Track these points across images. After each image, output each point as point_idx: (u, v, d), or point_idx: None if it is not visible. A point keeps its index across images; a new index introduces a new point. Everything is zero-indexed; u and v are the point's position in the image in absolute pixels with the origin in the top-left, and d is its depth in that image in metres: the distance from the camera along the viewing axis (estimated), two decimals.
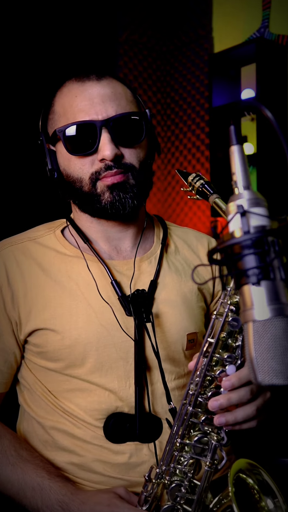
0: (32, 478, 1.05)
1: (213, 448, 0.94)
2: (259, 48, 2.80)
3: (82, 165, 1.09)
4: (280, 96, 2.89)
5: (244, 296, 0.65)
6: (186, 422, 0.96)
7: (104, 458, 1.09)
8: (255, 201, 0.66)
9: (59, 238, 1.18)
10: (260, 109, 0.66)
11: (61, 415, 1.12)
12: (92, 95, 1.07)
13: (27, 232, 1.22)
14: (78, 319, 1.09)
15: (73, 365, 1.09)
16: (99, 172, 1.07)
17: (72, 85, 1.11)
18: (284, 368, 0.62)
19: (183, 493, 0.96)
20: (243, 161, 0.70)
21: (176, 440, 0.96)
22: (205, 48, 3.35)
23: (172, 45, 3.57)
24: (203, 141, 3.38)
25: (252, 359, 0.63)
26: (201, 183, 1.05)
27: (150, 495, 0.98)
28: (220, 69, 3.09)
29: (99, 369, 1.09)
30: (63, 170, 1.13)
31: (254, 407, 0.94)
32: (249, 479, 0.97)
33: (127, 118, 1.08)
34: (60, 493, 1.02)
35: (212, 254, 0.67)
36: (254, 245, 0.63)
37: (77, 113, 1.07)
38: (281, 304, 0.63)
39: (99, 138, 1.06)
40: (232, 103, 3.06)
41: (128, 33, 3.37)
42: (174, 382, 1.14)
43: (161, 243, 1.21)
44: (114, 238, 1.17)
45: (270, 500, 0.95)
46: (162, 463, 0.98)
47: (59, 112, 1.12)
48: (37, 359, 1.13)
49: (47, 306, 1.10)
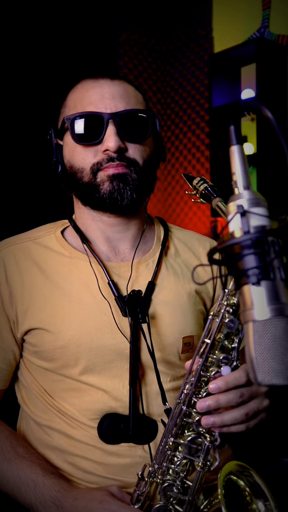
0: (27, 474, 1.05)
1: (206, 449, 0.93)
2: (259, 48, 2.80)
3: (85, 155, 1.11)
4: (280, 96, 2.89)
5: (244, 296, 0.65)
6: (180, 422, 0.95)
7: (98, 459, 1.09)
8: (255, 201, 0.66)
9: (58, 238, 1.19)
10: (260, 109, 0.66)
11: (56, 415, 1.12)
12: (104, 91, 1.11)
13: (29, 232, 1.23)
14: (72, 320, 1.09)
15: (67, 365, 1.09)
16: (101, 162, 1.09)
17: (85, 82, 1.15)
18: (284, 368, 0.62)
19: (175, 493, 0.96)
20: (243, 161, 0.70)
21: (169, 439, 0.96)
22: (205, 48, 3.35)
23: (172, 45, 3.57)
24: (203, 141, 3.38)
25: (252, 359, 0.63)
26: (205, 186, 1.06)
27: (142, 494, 0.98)
28: (220, 69, 3.09)
29: (92, 369, 1.09)
30: (67, 162, 1.15)
31: (244, 411, 0.92)
32: (240, 481, 0.96)
33: (134, 115, 1.11)
34: (53, 489, 1.02)
35: (212, 254, 0.67)
36: (254, 245, 0.63)
37: (87, 106, 1.10)
38: (281, 304, 0.63)
39: (105, 130, 1.08)
40: (232, 103, 3.06)
41: (128, 33, 3.37)
42: (169, 384, 1.14)
43: (161, 245, 1.21)
44: (113, 238, 1.18)
45: (262, 503, 0.94)
46: (155, 461, 0.98)
47: (69, 105, 1.15)
48: (34, 358, 1.14)
49: (43, 306, 1.11)
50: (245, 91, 3.08)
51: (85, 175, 1.11)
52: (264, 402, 0.96)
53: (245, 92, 3.08)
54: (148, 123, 1.13)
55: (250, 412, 0.93)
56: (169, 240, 1.25)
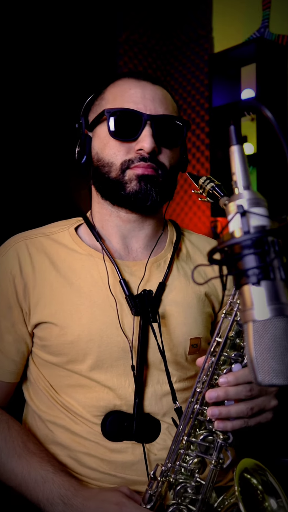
0: (36, 470, 1.06)
1: (219, 447, 0.94)
2: (259, 48, 2.80)
3: (117, 151, 1.11)
4: (280, 96, 2.89)
5: (244, 296, 0.65)
6: (193, 421, 0.96)
7: (100, 455, 1.10)
8: (255, 201, 0.66)
9: (72, 235, 1.20)
10: (260, 109, 0.66)
11: (60, 410, 1.13)
12: (145, 92, 1.13)
13: (43, 227, 1.24)
14: (82, 316, 1.10)
15: (75, 361, 1.10)
16: (133, 160, 1.10)
17: (127, 80, 1.16)
18: (284, 368, 0.62)
19: (188, 492, 0.96)
20: (243, 161, 0.70)
21: (182, 438, 0.97)
22: (205, 48, 3.35)
23: (172, 45, 3.57)
24: (203, 141, 3.38)
25: (252, 359, 0.63)
26: (211, 186, 1.05)
27: (154, 494, 0.99)
28: (220, 69, 3.09)
29: (100, 366, 1.10)
30: (96, 154, 1.16)
31: (250, 405, 0.93)
32: (253, 479, 0.96)
33: (171, 121, 1.14)
34: (63, 487, 1.02)
35: (212, 254, 0.67)
36: (254, 245, 0.63)
37: (127, 102, 1.11)
38: (281, 304, 0.63)
39: (141, 130, 1.09)
40: (232, 103, 3.06)
41: (128, 33, 3.37)
42: (176, 385, 1.15)
43: (173, 247, 1.23)
44: (128, 236, 1.19)
45: (274, 500, 0.94)
46: (168, 461, 0.98)
47: (108, 98, 1.15)
48: (41, 353, 1.15)
49: (53, 300, 1.12)
50: (245, 91, 3.08)
51: (113, 170, 1.11)
52: (272, 402, 0.98)
53: (245, 92, 3.08)
54: (182, 131, 1.15)
55: (256, 407, 0.94)
56: (181, 242, 1.27)
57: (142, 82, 1.14)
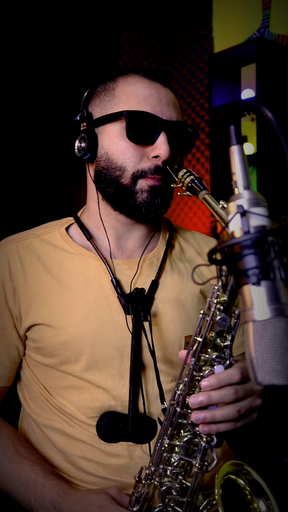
0: (27, 474, 1.05)
1: (203, 450, 0.91)
2: (259, 48, 2.80)
3: (131, 156, 1.08)
4: (280, 96, 2.89)
5: (244, 296, 0.65)
6: (175, 423, 0.94)
7: (97, 459, 1.09)
8: (255, 201, 0.66)
9: (63, 235, 1.19)
10: (260, 109, 0.66)
11: (55, 413, 1.12)
12: (161, 95, 1.10)
13: (33, 229, 1.23)
14: (75, 316, 1.10)
15: (68, 362, 1.09)
16: (146, 172, 1.08)
17: (139, 78, 1.12)
18: (284, 368, 0.62)
19: (173, 495, 0.94)
20: (243, 161, 0.70)
21: (164, 440, 0.95)
22: (205, 48, 3.35)
23: (172, 45, 3.57)
24: (203, 141, 3.38)
25: (252, 359, 0.63)
26: (191, 179, 1.02)
27: (141, 496, 0.97)
28: (220, 69, 3.09)
29: (93, 366, 1.09)
30: (104, 154, 1.11)
31: (236, 408, 0.90)
32: (240, 480, 0.94)
33: (184, 128, 1.13)
34: (53, 491, 1.02)
35: (212, 254, 0.67)
36: (254, 245, 0.63)
37: (144, 104, 1.08)
38: (281, 304, 0.63)
39: (157, 135, 1.07)
40: (232, 103, 3.07)
41: (128, 33, 3.37)
42: (171, 384, 1.14)
43: (166, 244, 1.22)
44: (123, 237, 1.17)
45: (263, 502, 0.93)
46: (152, 464, 0.96)
47: (120, 97, 1.11)
48: (35, 355, 1.14)
49: (45, 302, 1.11)
50: (245, 91, 3.08)
51: (124, 176, 1.08)
52: (257, 401, 0.94)
53: (245, 92, 3.08)
54: (192, 138, 1.14)
55: (242, 409, 0.91)
56: (174, 240, 1.25)
57: (155, 83, 1.11)
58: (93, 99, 1.16)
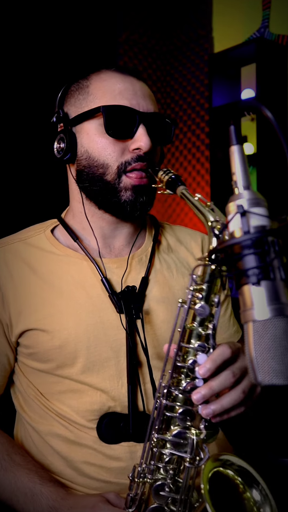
0: (24, 483, 1.04)
1: (192, 443, 0.89)
2: (259, 48, 2.80)
3: (112, 151, 1.08)
4: (280, 96, 2.89)
5: (244, 296, 0.65)
6: (161, 417, 0.92)
7: (99, 462, 1.08)
8: (255, 201, 0.66)
9: (49, 237, 1.18)
10: (260, 109, 0.66)
11: (54, 419, 1.11)
12: (135, 88, 1.10)
13: (18, 233, 1.21)
14: (68, 319, 1.08)
15: (64, 365, 1.08)
16: (129, 162, 1.07)
17: (112, 74, 1.12)
18: (284, 368, 0.62)
19: (166, 492, 0.92)
20: (243, 161, 0.70)
21: (153, 435, 0.93)
22: (205, 48, 3.35)
23: (172, 45, 3.57)
24: (203, 141, 3.38)
25: (252, 359, 0.63)
26: (170, 176, 1.03)
27: (136, 496, 0.95)
28: (220, 69, 3.09)
29: (90, 368, 1.08)
30: (85, 152, 1.11)
31: (240, 390, 0.88)
32: (229, 471, 0.91)
33: (162, 119, 1.12)
34: (50, 498, 1.01)
35: (212, 254, 0.67)
36: (254, 245, 0.64)
37: (119, 99, 1.08)
38: (281, 304, 0.63)
39: (136, 128, 1.07)
40: (232, 103, 3.07)
41: (128, 33, 3.37)
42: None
43: (153, 241, 1.21)
44: (110, 236, 1.17)
45: (256, 490, 0.90)
46: (143, 460, 0.95)
47: (95, 94, 1.10)
48: (29, 361, 1.12)
49: (37, 306, 1.10)
50: (245, 91, 3.08)
51: (108, 173, 1.08)
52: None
53: (245, 92, 3.08)
54: (171, 129, 1.13)
55: (246, 389, 0.89)
56: (160, 235, 1.25)
57: (129, 77, 1.11)
58: (67, 98, 1.15)
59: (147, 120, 1.07)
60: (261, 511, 0.88)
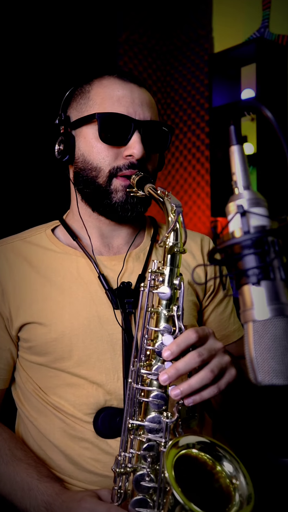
0: (22, 478, 1.05)
1: (166, 427, 0.88)
2: (259, 48, 2.80)
3: (105, 155, 1.11)
4: (280, 96, 2.89)
5: (244, 296, 0.65)
6: (133, 400, 0.92)
7: (96, 457, 1.09)
8: (255, 201, 0.66)
9: (49, 236, 1.21)
10: (260, 109, 0.67)
11: (52, 413, 1.13)
12: (134, 96, 1.13)
13: (19, 234, 1.25)
14: (65, 312, 1.11)
15: (61, 358, 1.10)
16: (120, 168, 1.11)
17: (114, 80, 1.15)
18: (284, 368, 0.62)
19: (146, 481, 0.90)
20: (243, 161, 0.70)
21: (127, 421, 0.93)
22: (205, 48, 3.35)
23: (172, 45, 3.57)
24: (203, 141, 3.38)
25: (252, 359, 0.63)
26: (139, 177, 1.07)
27: (120, 489, 0.95)
28: (220, 69, 3.09)
29: (86, 361, 1.10)
30: (81, 155, 1.15)
31: (208, 370, 0.89)
32: (193, 450, 0.88)
33: (159, 127, 1.14)
34: (46, 493, 1.02)
35: (212, 254, 0.67)
36: (254, 245, 0.64)
37: (117, 106, 1.11)
38: (281, 304, 0.63)
39: (131, 135, 1.10)
40: (232, 103, 3.07)
41: (128, 33, 3.37)
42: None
43: (151, 240, 1.24)
44: (108, 235, 1.20)
45: (227, 461, 0.87)
46: (121, 449, 0.94)
47: (94, 99, 1.14)
48: (28, 355, 1.15)
49: (35, 300, 1.13)
50: (245, 91, 3.08)
51: (100, 176, 1.12)
52: (225, 358, 0.93)
53: (245, 92, 3.08)
54: (168, 137, 1.16)
55: (215, 368, 0.90)
56: (158, 235, 1.27)
57: (129, 84, 1.14)
58: (71, 102, 1.19)
59: (142, 127, 1.10)
60: (234, 481, 0.85)
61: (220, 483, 0.87)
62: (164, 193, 0.98)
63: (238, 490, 0.84)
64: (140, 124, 1.10)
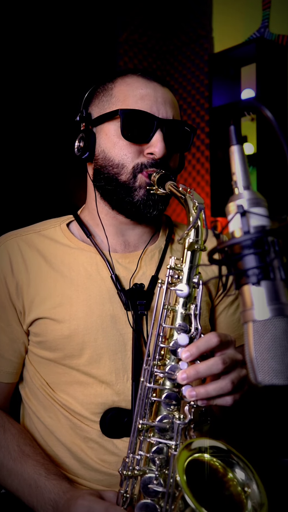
0: (30, 475, 1.05)
1: (178, 429, 0.86)
2: (259, 48, 2.80)
3: (127, 152, 1.10)
4: (280, 96, 2.89)
5: (244, 296, 0.65)
6: (144, 401, 0.90)
7: (101, 456, 1.09)
8: (255, 201, 0.66)
9: (64, 231, 1.20)
10: (260, 109, 0.67)
11: (59, 410, 1.12)
12: (157, 94, 1.12)
13: (33, 225, 1.24)
14: (78, 310, 1.10)
15: (71, 356, 1.10)
16: (145, 165, 1.10)
17: (137, 78, 1.14)
18: (284, 368, 0.62)
19: (154, 484, 0.87)
20: (243, 161, 0.70)
21: (138, 422, 0.91)
22: (205, 48, 3.35)
23: (172, 45, 3.57)
24: (203, 141, 3.38)
25: (252, 359, 0.63)
26: (159, 175, 1.07)
27: (126, 492, 0.92)
28: (220, 69, 3.09)
29: (97, 360, 1.10)
30: (102, 152, 1.14)
31: (228, 380, 0.87)
32: (206, 455, 0.86)
33: (181, 126, 1.14)
34: (53, 492, 1.01)
35: (212, 254, 0.67)
36: (254, 245, 0.64)
37: (140, 103, 1.10)
38: (281, 304, 0.63)
39: (153, 133, 1.09)
40: (232, 103, 3.06)
41: (128, 33, 3.37)
42: None
43: (166, 240, 1.23)
44: (125, 233, 1.19)
45: (238, 468, 0.85)
46: (130, 451, 0.92)
47: (118, 96, 1.13)
48: (37, 349, 1.14)
49: (48, 295, 1.12)
50: (245, 91, 3.08)
51: (124, 172, 1.10)
52: (243, 371, 0.91)
53: (245, 92, 3.08)
54: (190, 137, 1.16)
55: (235, 380, 0.88)
56: (174, 234, 1.27)
57: (153, 83, 1.13)
58: (93, 100, 1.18)
59: (165, 126, 1.10)
60: (247, 489, 0.83)
61: (231, 491, 0.85)
62: (186, 190, 0.97)
63: (250, 498, 0.82)
64: (163, 123, 1.10)
